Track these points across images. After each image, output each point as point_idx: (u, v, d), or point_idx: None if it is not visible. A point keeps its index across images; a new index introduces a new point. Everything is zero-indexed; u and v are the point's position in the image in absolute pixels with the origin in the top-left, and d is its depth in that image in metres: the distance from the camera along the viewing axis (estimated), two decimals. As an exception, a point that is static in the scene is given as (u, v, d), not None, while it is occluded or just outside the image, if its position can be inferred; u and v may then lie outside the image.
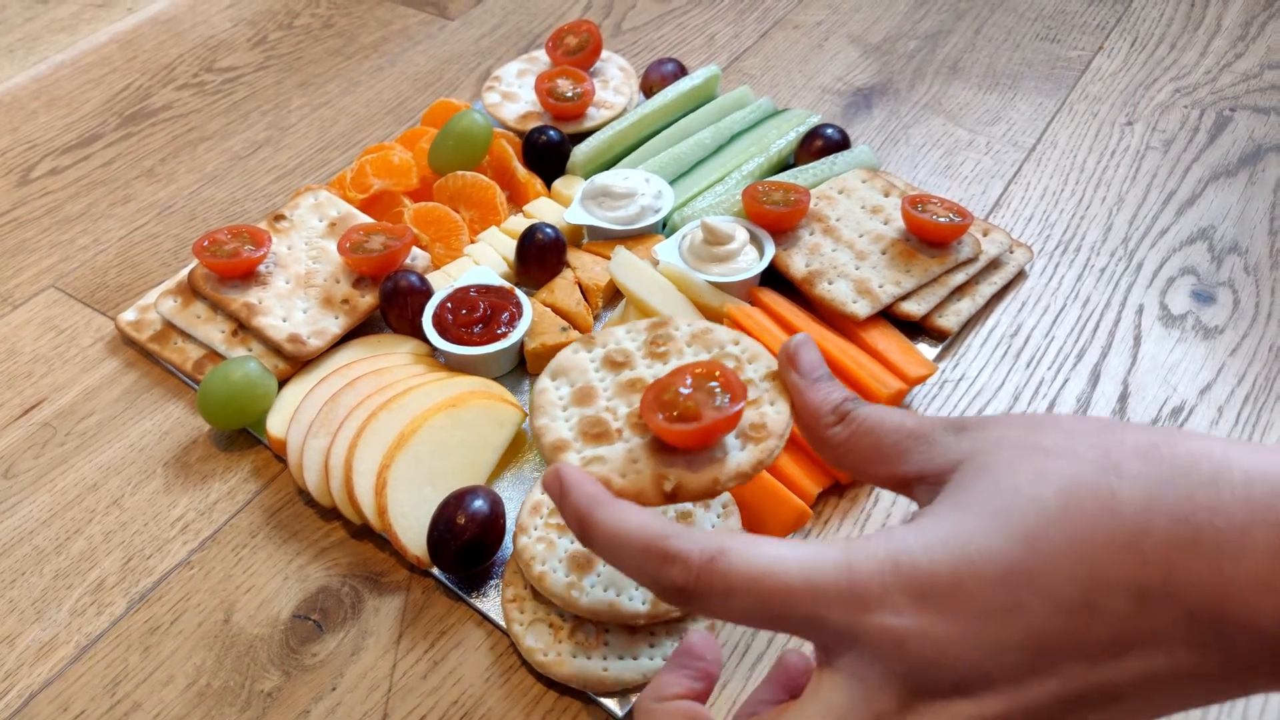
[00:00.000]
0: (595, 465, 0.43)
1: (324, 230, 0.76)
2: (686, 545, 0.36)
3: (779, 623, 0.36)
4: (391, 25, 1.09)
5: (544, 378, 0.48)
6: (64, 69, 1.04)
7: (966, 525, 0.34)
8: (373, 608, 0.59)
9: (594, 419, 0.45)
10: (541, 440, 0.45)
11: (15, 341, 0.76)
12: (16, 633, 0.59)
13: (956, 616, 0.33)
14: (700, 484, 0.42)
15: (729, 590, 0.36)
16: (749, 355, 0.47)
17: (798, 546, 0.36)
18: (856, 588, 0.34)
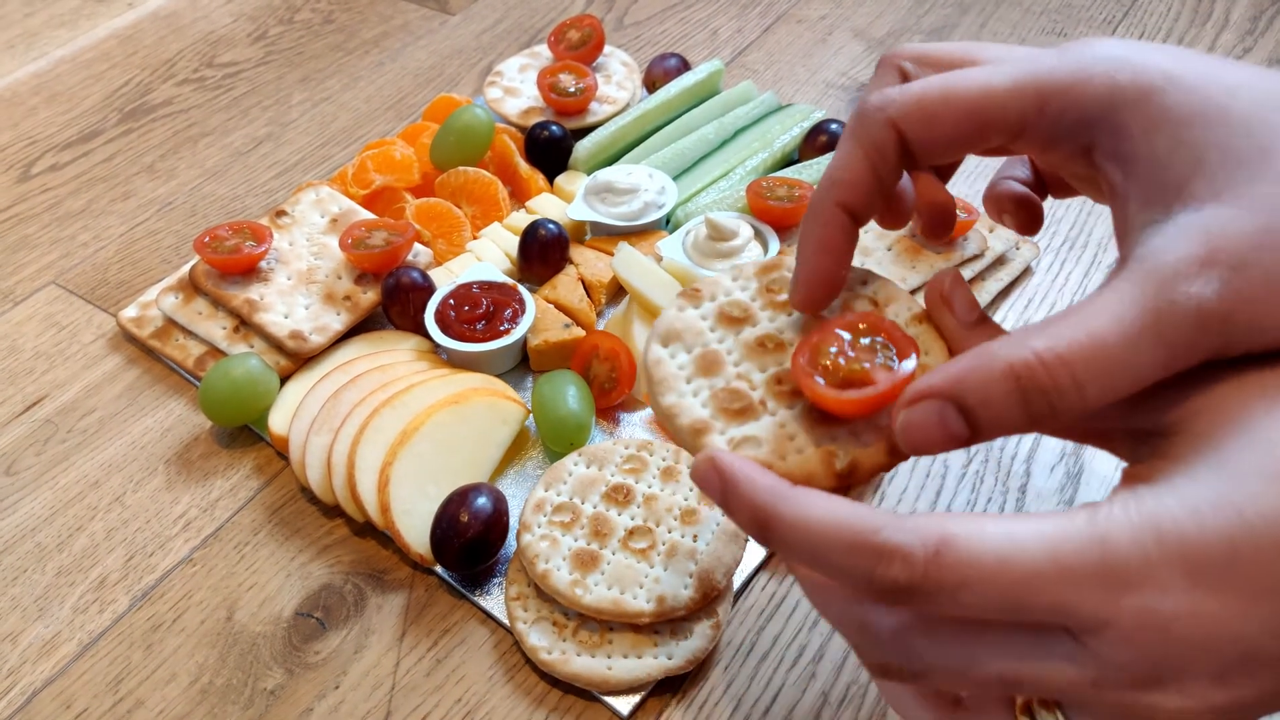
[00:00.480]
0: (747, 448, 0.37)
1: (325, 226, 0.76)
2: (904, 537, 0.31)
3: (1019, 613, 0.31)
4: (392, 20, 1.08)
5: (655, 346, 0.41)
6: (64, 64, 1.04)
7: (1237, 487, 0.30)
8: (375, 605, 0.59)
9: (730, 391, 0.39)
10: (676, 422, 0.39)
11: (16, 338, 0.76)
12: (19, 630, 0.58)
13: (1234, 593, 0.29)
14: (875, 458, 0.37)
15: (961, 584, 0.31)
16: (885, 297, 0.41)
17: (1031, 520, 0.31)
18: (1114, 564, 0.30)
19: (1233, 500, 0.29)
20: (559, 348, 0.68)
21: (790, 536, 0.34)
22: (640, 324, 0.68)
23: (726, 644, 0.56)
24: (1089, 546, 0.30)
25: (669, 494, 0.58)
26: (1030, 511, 0.32)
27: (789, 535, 0.34)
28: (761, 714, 0.53)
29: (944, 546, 0.31)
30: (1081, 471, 0.63)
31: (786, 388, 0.38)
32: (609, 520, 0.57)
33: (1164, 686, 0.31)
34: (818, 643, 0.56)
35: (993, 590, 0.30)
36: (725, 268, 0.70)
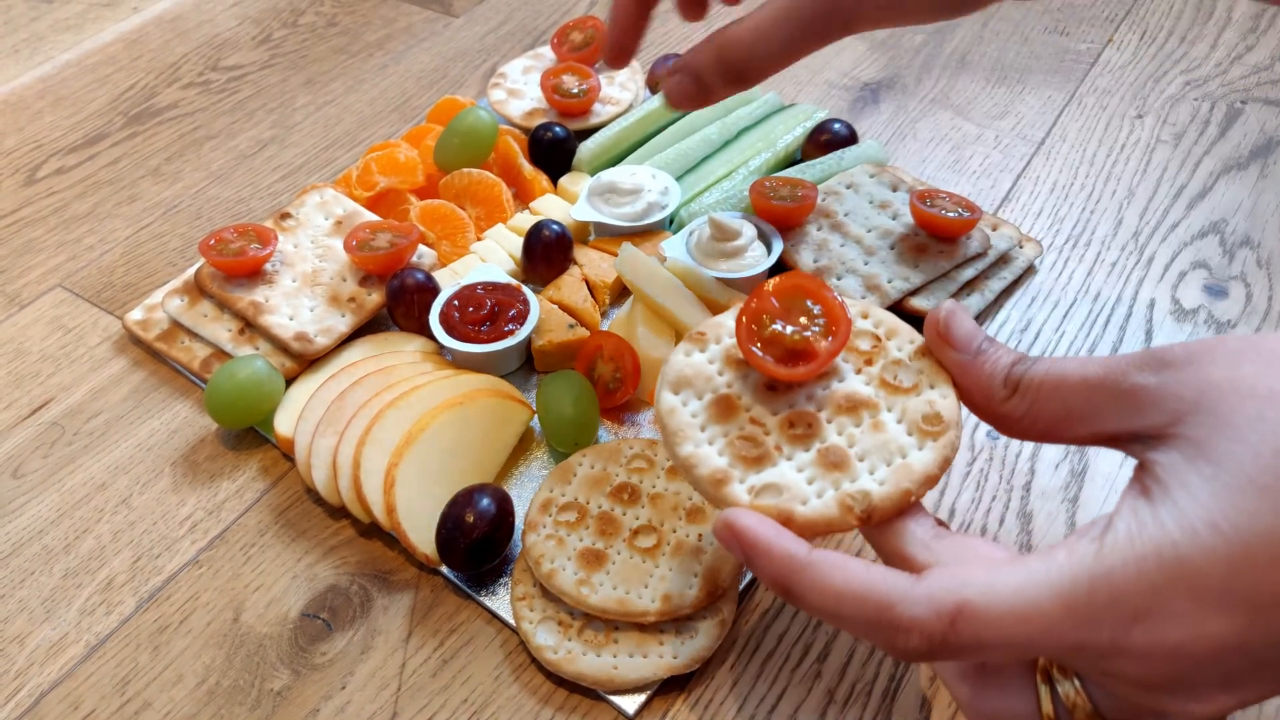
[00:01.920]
0: (768, 496, 0.38)
1: (330, 228, 0.76)
2: (918, 612, 0.33)
3: (1036, 654, 0.33)
4: (396, 23, 1.09)
5: (666, 394, 0.42)
6: (70, 69, 1.04)
7: (1230, 501, 0.30)
8: (381, 606, 0.59)
9: (746, 438, 0.39)
10: (696, 473, 0.39)
11: (23, 341, 0.76)
12: (26, 632, 0.59)
13: (1236, 610, 0.30)
14: (892, 499, 0.38)
15: (979, 645, 0.32)
16: (886, 330, 0.42)
17: (1039, 565, 0.32)
18: (1121, 597, 0.31)
19: (1227, 517, 0.30)
20: (563, 348, 0.68)
21: (810, 603, 0.35)
22: (644, 325, 0.68)
23: (732, 643, 0.56)
24: (1099, 585, 0.31)
25: (675, 493, 0.58)
26: (1041, 549, 0.33)
27: (809, 601, 0.35)
28: (767, 713, 0.53)
29: (960, 616, 0.32)
30: (1086, 469, 0.63)
31: (799, 430, 0.39)
32: (615, 519, 0.57)
33: (1174, 693, 0.32)
34: (823, 642, 0.56)
35: (1011, 648, 0.32)
36: (727, 269, 0.70)
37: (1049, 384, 0.37)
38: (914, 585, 0.33)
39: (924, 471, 0.38)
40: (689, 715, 0.54)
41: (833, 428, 0.40)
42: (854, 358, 0.42)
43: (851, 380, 0.41)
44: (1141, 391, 0.34)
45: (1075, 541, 0.33)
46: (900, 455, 0.38)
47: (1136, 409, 0.34)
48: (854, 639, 0.56)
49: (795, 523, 0.38)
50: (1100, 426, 0.35)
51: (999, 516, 0.61)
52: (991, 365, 0.38)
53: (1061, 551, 0.33)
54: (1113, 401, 0.35)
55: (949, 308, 0.40)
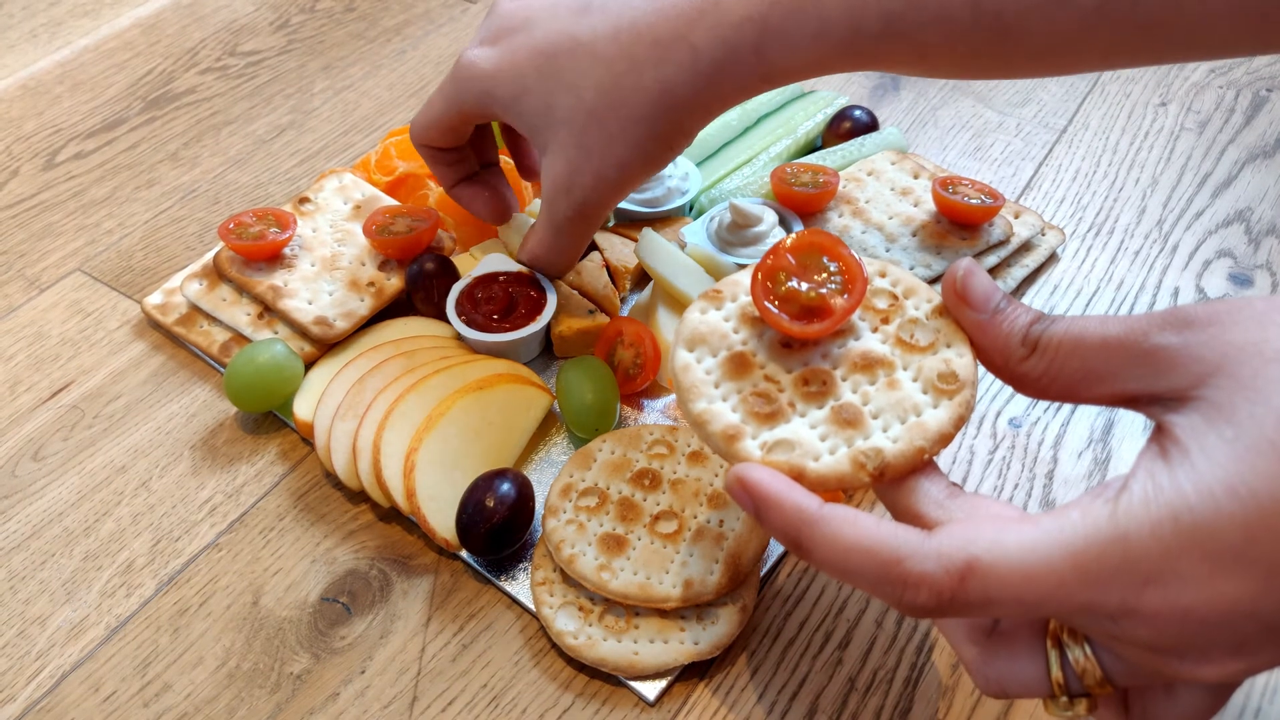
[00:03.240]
0: (780, 452, 0.38)
1: (349, 213, 0.76)
2: (928, 566, 0.33)
3: (1047, 614, 0.33)
4: (414, 8, 1.08)
5: (680, 351, 0.41)
6: (88, 53, 1.04)
7: (1250, 464, 0.30)
8: (401, 590, 0.59)
9: (759, 395, 0.39)
10: (708, 429, 0.39)
11: (43, 325, 0.76)
12: (47, 613, 0.59)
13: (1251, 574, 0.30)
14: (906, 457, 0.37)
15: (988, 602, 0.32)
16: (904, 289, 0.41)
17: (1052, 524, 0.32)
18: (1134, 559, 0.31)
19: (1245, 480, 0.30)
20: (583, 334, 0.68)
21: (820, 557, 0.35)
22: (664, 310, 0.67)
23: (753, 630, 0.56)
24: (1111, 547, 0.31)
25: (696, 478, 0.58)
26: (1055, 507, 0.33)
27: (819, 555, 0.35)
28: (788, 700, 0.53)
29: (969, 572, 0.32)
30: (1109, 458, 0.63)
31: (814, 387, 0.39)
32: (636, 504, 0.57)
33: (1183, 657, 0.32)
34: (844, 629, 0.56)
35: (1020, 605, 0.32)
36: (748, 255, 0.69)
37: (1068, 343, 0.36)
38: (924, 540, 0.33)
39: (938, 429, 0.38)
40: (710, 702, 0.53)
41: (847, 385, 0.39)
42: (871, 316, 0.41)
43: (868, 338, 0.41)
44: (1163, 352, 0.34)
45: (1089, 501, 0.33)
46: (914, 413, 0.38)
47: (1157, 370, 0.34)
48: (875, 625, 0.56)
49: (807, 479, 0.37)
50: (1119, 387, 0.35)
51: (1021, 504, 0.61)
52: (1009, 324, 0.38)
53: (1075, 511, 0.33)
54: (1133, 362, 0.34)
55: (966, 265, 0.40)
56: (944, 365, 0.39)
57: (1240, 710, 0.51)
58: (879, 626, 0.56)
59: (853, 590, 0.57)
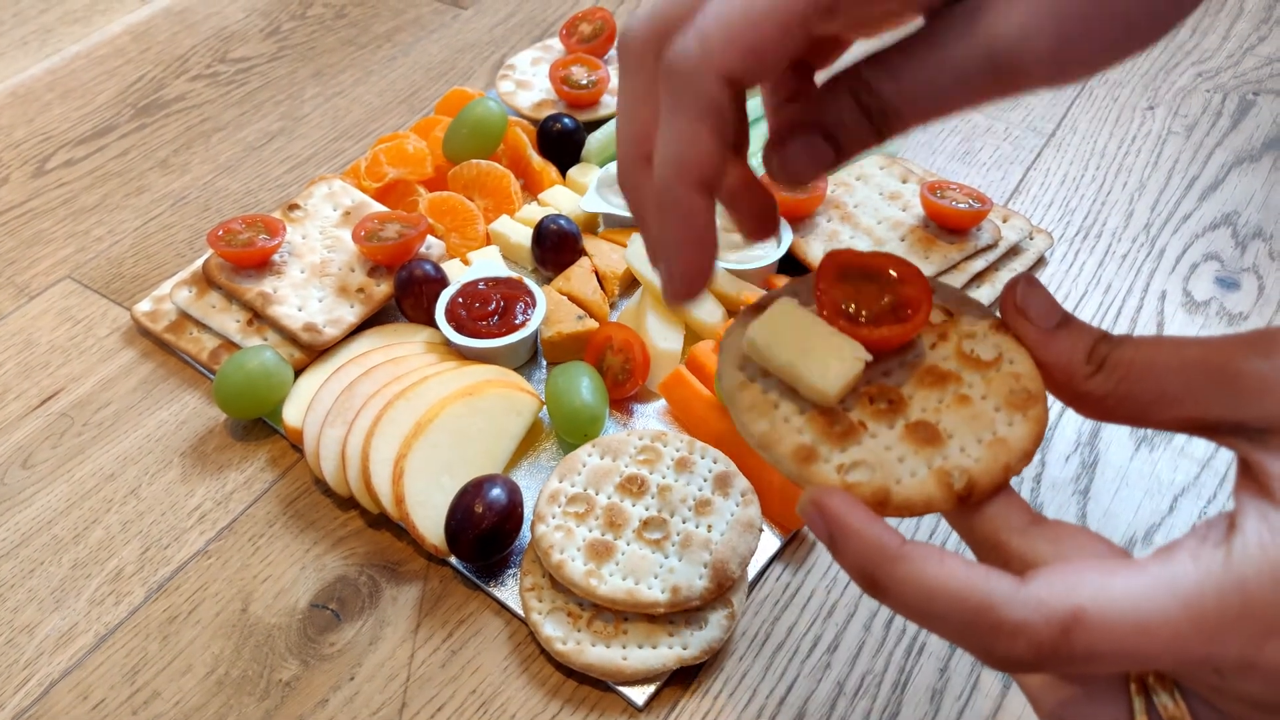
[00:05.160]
0: (857, 474, 0.35)
1: (338, 219, 0.76)
2: (1027, 615, 0.29)
3: (1154, 668, 0.31)
4: (405, 14, 1.08)
5: (732, 371, 0.38)
6: (78, 60, 1.04)
7: None
8: (390, 597, 0.59)
9: (829, 413, 0.36)
10: (776, 450, 0.36)
11: (32, 332, 0.76)
12: (36, 622, 0.59)
13: None
14: (992, 475, 0.35)
15: (1092, 656, 0.29)
16: (956, 302, 0.40)
17: (1161, 570, 0.30)
18: (1255, 610, 0.29)
19: None
20: (572, 339, 0.68)
21: (900, 598, 0.32)
22: (654, 315, 0.68)
23: (741, 634, 0.56)
24: (1230, 596, 0.29)
25: (683, 484, 0.58)
26: (1157, 550, 0.30)
27: (898, 596, 0.32)
28: (776, 704, 0.53)
29: (1073, 623, 0.29)
30: (1096, 461, 0.63)
31: (882, 406, 0.37)
32: (623, 511, 0.57)
33: None
34: (832, 633, 0.56)
35: (1129, 659, 0.30)
36: (736, 260, 0.70)
37: (1140, 362, 0.34)
38: (1020, 587, 0.30)
39: (1020, 446, 0.35)
40: (698, 707, 0.53)
41: (916, 403, 0.37)
42: (928, 332, 0.39)
43: (929, 355, 0.38)
44: (1251, 377, 0.31)
45: (1196, 545, 0.31)
46: (990, 431, 0.36)
47: (1242, 396, 0.31)
48: (864, 629, 0.56)
49: (892, 502, 0.35)
50: (1197, 412, 0.33)
51: (1009, 509, 0.61)
52: (1073, 340, 0.36)
53: (1183, 555, 0.30)
54: (1214, 386, 0.32)
55: (1026, 278, 0.37)
56: (1014, 381, 0.37)
57: None
58: (867, 631, 0.56)
59: (841, 594, 0.58)
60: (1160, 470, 0.63)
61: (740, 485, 0.58)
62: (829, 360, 0.36)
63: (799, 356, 0.35)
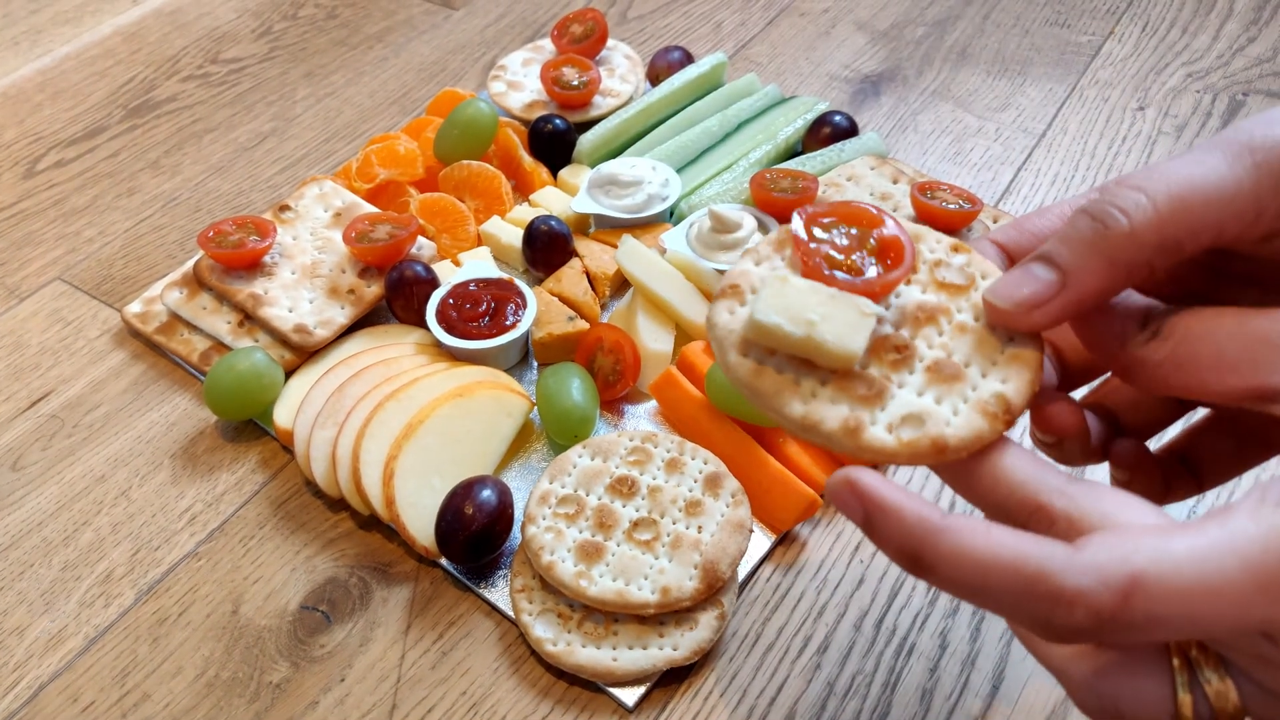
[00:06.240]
0: (909, 429, 0.34)
1: (329, 220, 0.76)
2: (1085, 583, 0.28)
3: (1216, 633, 0.30)
4: (396, 15, 1.08)
5: (736, 358, 0.36)
6: (69, 61, 1.04)
7: None
8: (381, 598, 0.59)
9: (854, 378, 0.35)
10: (823, 429, 0.34)
11: (22, 334, 0.76)
12: (25, 624, 0.59)
13: None
14: (1023, 393, 0.34)
15: (1153, 622, 0.29)
16: (911, 234, 0.38)
17: (1219, 532, 0.29)
18: None
19: None
20: (563, 340, 0.68)
21: (947, 574, 0.31)
22: (645, 316, 0.68)
23: (731, 635, 0.56)
24: None
25: (673, 485, 0.58)
26: (1211, 512, 0.29)
27: (945, 572, 0.31)
28: (766, 705, 0.53)
29: (1134, 588, 0.28)
30: (1087, 462, 0.63)
31: (891, 355, 0.36)
32: (613, 512, 0.57)
33: None
34: (822, 634, 0.56)
35: (1192, 624, 0.29)
36: (727, 260, 0.70)
37: (1199, 328, 0.33)
38: (1075, 553, 0.29)
39: (1034, 358, 0.35)
40: (689, 707, 0.54)
41: (922, 344, 0.36)
42: None
43: (907, 292, 0.38)
44: None
45: (1255, 506, 0.30)
46: (999, 351, 0.35)
47: None
48: (854, 629, 0.56)
49: (950, 447, 0.34)
50: (1259, 379, 0.31)
51: (999, 509, 0.61)
52: (1125, 307, 0.35)
53: (1242, 516, 0.29)
54: (1278, 353, 0.31)
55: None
56: None
57: None
58: (857, 631, 0.56)
59: (831, 595, 0.58)
60: (1149, 470, 0.63)
61: (730, 486, 0.58)
62: (843, 322, 0.35)
63: (813, 326, 0.35)
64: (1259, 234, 0.33)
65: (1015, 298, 0.34)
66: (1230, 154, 0.32)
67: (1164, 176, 0.32)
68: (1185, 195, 0.32)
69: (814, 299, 0.35)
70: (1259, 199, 0.32)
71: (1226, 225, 0.32)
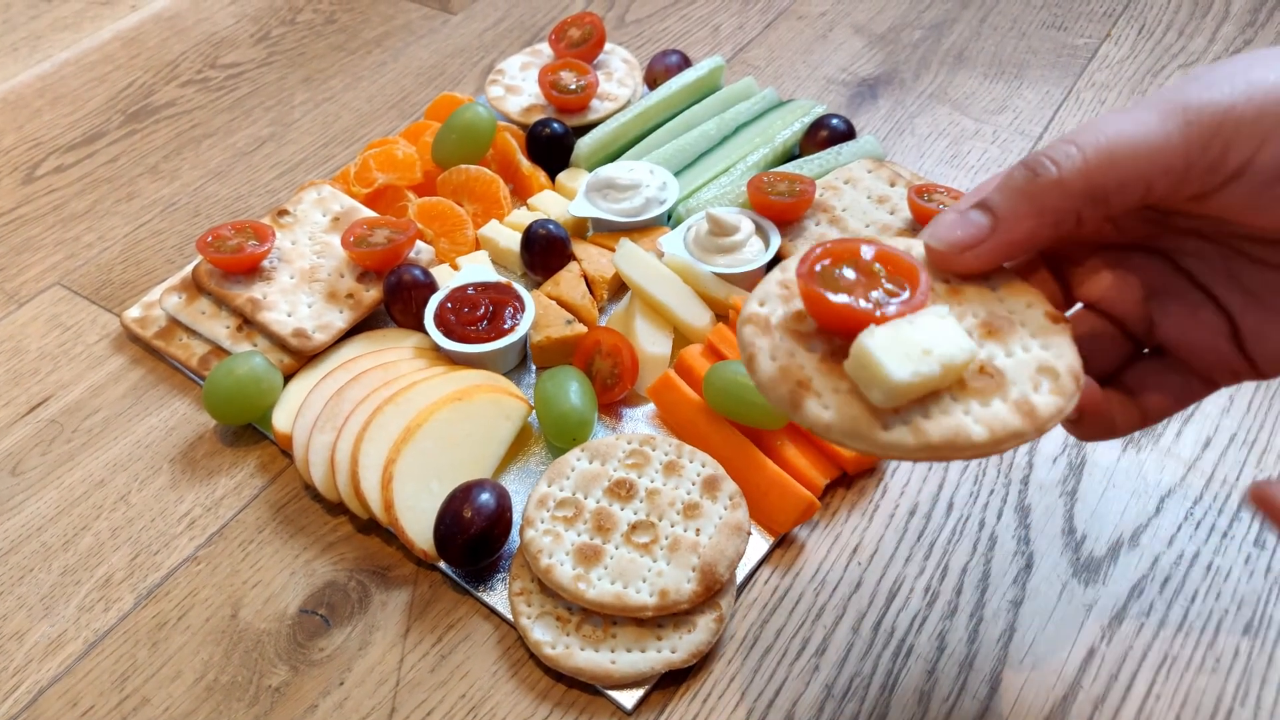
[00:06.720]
0: (1047, 398, 0.36)
1: (327, 225, 0.76)
2: None
3: None
4: (394, 20, 1.08)
5: (893, 433, 0.35)
6: (68, 67, 1.04)
7: None
8: (380, 602, 0.59)
9: (974, 377, 0.36)
10: (1009, 428, 0.35)
11: (21, 339, 0.76)
12: (25, 629, 0.59)
13: None
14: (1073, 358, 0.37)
15: None
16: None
17: None
18: None
19: None
20: (561, 344, 0.68)
21: None
22: (643, 319, 0.68)
23: (729, 637, 0.56)
24: None
25: (671, 488, 0.58)
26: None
27: None
28: (765, 707, 0.53)
29: None
30: (1084, 463, 0.63)
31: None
32: (612, 515, 0.57)
33: None
34: (820, 636, 0.56)
35: None
36: (725, 264, 0.70)
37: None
38: None
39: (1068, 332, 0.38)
40: (687, 710, 0.54)
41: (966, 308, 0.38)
42: None
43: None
44: None
45: None
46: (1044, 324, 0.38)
47: None
48: (852, 632, 0.56)
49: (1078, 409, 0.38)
50: None
51: (997, 510, 0.61)
52: None
53: None
54: None
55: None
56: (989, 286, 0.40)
57: (1212, 712, 0.52)
58: (855, 634, 0.56)
59: (830, 597, 0.58)
60: (1147, 471, 0.63)
61: (728, 489, 0.58)
62: (941, 335, 0.35)
63: (930, 354, 0.35)
64: (1189, 192, 0.36)
65: (949, 240, 0.38)
66: (1163, 112, 0.34)
67: (1096, 131, 0.35)
68: (1114, 148, 0.35)
69: (909, 336, 0.35)
70: (1188, 156, 0.34)
71: (1155, 181, 0.35)
